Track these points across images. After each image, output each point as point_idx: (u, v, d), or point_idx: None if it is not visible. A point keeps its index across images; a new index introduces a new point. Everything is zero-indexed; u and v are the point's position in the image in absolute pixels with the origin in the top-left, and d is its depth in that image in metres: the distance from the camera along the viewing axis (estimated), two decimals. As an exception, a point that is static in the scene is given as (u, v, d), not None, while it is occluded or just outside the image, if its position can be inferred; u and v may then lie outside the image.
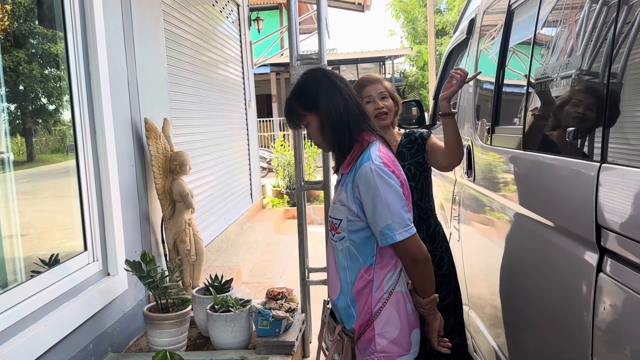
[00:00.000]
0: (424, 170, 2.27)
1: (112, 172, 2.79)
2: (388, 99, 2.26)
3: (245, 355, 2.64)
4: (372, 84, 2.27)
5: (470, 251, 2.52)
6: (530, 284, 1.71)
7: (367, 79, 2.32)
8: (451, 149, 2.17)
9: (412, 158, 2.26)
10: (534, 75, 1.78)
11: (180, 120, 4.17)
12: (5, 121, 2.29)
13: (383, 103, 2.24)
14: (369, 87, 2.26)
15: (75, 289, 2.45)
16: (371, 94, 2.25)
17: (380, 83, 2.29)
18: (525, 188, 1.73)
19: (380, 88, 2.27)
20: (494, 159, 2.12)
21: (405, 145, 2.29)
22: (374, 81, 2.29)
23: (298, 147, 3.30)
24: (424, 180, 2.28)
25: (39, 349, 2.09)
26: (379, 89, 2.26)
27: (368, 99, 2.25)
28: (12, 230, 2.30)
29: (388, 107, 2.24)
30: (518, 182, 1.80)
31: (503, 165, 1.99)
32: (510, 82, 2.15)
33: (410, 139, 2.30)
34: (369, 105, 2.26)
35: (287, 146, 8.94)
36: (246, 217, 6.58)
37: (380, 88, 2.27)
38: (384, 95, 2.26)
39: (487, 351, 2.28)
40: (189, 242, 3.31)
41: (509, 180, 1.90)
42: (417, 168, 2.26)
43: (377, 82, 2.29)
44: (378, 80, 2.31)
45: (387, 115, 2.24)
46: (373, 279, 1.61)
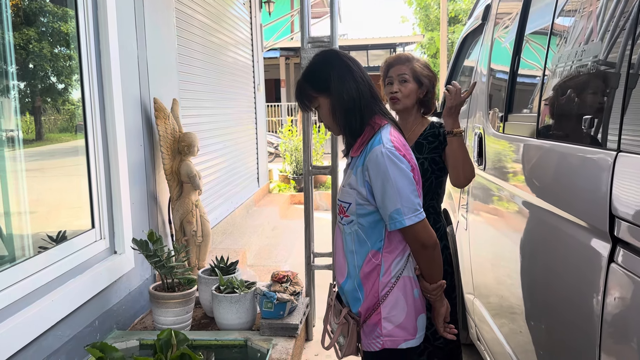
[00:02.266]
0: (437, 169, 2.16)
1: (121, 151, 2.79)
2: (407, 84, 2.15)
3: (249, 336, 2.65)
4: (397, 65, 2.17)
5: (477, 240, 2.51)
6: (538, 274, 1.70)
7: (394, 59, 2.21)
8: (455, 171, 2.09)
9: (429, 153, 2.15)
10: (550, 63, 1.75)
11: (188, 101, 4.16)
12: (15, 99, 2.29)
13: (398, 87, 2.14)
14: (393, 68, 2.17)
15: (82, 266, 2.47)
16: (392, 75, 2.16)
17: (406, 64, 2.16)
18: (537, 177, 1.71)
19: (403, 70, 2.15)
20: (505, 147, 2.10)
21: (427, 137, 2.18)
22: (400, 62, 2.18)
23: (306, 131, 3.28)
24: (434, 179, 2.17)
25: (45, 323, 2.11)
26: (401, 70, 2.15)
27: (389, 80, 2.17)
28: (21, 207, 2.31)
29: (404, 92, 2.14)
30: (530, 171, 1.77)
31: (515, 154, 1.97)
32: (526, 70, 2.11)
33: (435, 132, 2.18)
34: (388, 87, 2.18)
35: (294, 131, 8.92)
36: (252, 201, 6.58)
37: (403, 70, 2.15)
38: (403, 78, 2.15)
39: (491, 340, 2.28)
40: (196, 223, 3.32)
41: (521, 169, 1.88)
42: (431, 165, 2.15)
43: (402, 64, 2.17)
44: (404, 61, 2.18)
45: (399, 100, 2.16)
46: (381, 263, 1.60)
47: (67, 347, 2.30)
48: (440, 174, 2.17)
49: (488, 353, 2.37)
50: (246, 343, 2.63)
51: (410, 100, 2.17)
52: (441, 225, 2.22)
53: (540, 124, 1.74)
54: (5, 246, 2.16)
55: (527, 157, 1.82)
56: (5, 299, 1.95)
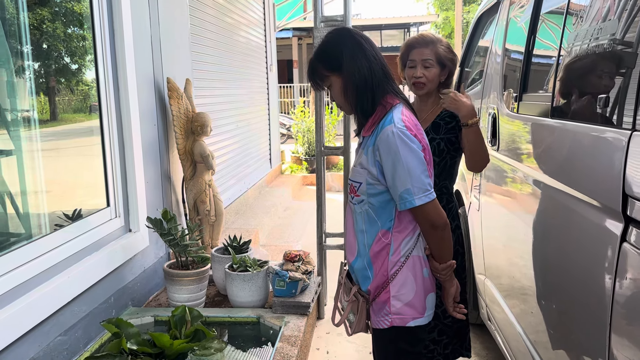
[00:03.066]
0: (453, 149, 2.12)
1: (135, 130, 2.81)
2: (432, 68, 2.09)
3: (262, 313, 2.69)
4: (419, 47, 2.10)
5: (489, 221, 2.50)
6: (550, 254, 1.70)
7: (416, 41, 2.13)
8: (471, 157, 2.08)
9: (445, 133, 2.12)
10: (565, 42, 1.73)
11: (201, 81, 4.17)
12: (30, 80, 2.31)
13: (423, 72, 2.08)
14: (415, 51, 2.10)
15: (98, 244, 2.51)
16: (415, 58, 2.10)
17: (430, 47, 2.09)
18: (550, 157, 1.70)
19: (427, 54, 2.08)
20: (519, 128, 2.08)
21: (444, 118, 2.14)
22: (423, 44, 2.10)
23: (319, 112, 3.27)
24: (449, 159, 2.14)
25: (62, 298, 2.17)
26: (425, 54, 2.08)
27: (411, 64, 2.11)
28: (37, 186, 2.35)
29: (428, 77, 2.09)
30: (544, 151, 1.76)
31: (529, 134, 1.95)
32: (541, 49, 2.08)
33: (452, 113, 2.13)
34: (410, 70, 2.12)
35: (307, 112, 8.89)
36: (265, 181, 6.61)
37: (427, 54, 2.08)
38: (428, 63, 2.09)
39: (502, 321, 2.29)
40: (209, 202, 3.35)
41: (534, 149, 1.87)
42: (446, 145, 2.11)
43: (426, 46, 2.10)
44: (428, 43, 2.11)
45: (424, 85, 2.10)
46: (390, 243, 1.61)
47: (84, 323, 2.35)
48: (455, 155, 2.15)
49: (499, 333, 2.39)
50: (259, 320, 2.67)
51: (434, 84, 2.13)
52: (453, 205, 2.21)
53: (554, 103, 1.72)
54: (22, 224, 2.20)
55: (541, 137, 1.80)
56: (23, 275, 2.00)
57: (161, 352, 2.13)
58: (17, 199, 2.19)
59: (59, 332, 2.18)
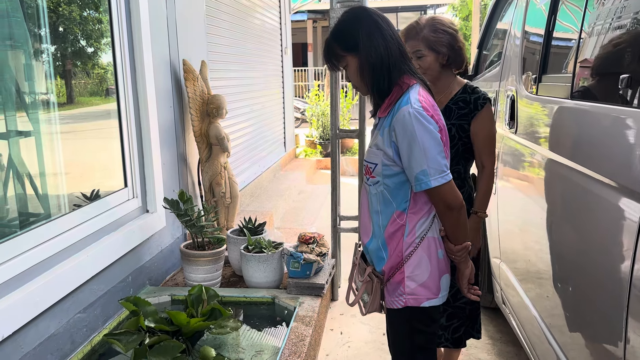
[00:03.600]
0: (465, 136, 2.09)
1: (152, 112, 2.83)
2: (425, 58, 2.05)
3: (277, 294, 2.72)
4: (408, 41, 2.07)
5: (506, 204, 2.49)
6: (568, 237, 1.68)
7: (404, 34, 2.11)
8: None
9: (457, 119, 2.08)
10: (587, 23, 1.69)
11: (216, 64, 4.16)
12: (47, 63, 2.32)
13: (417, 63, 2.05)
14: (407, 44, 2.06)
15: (116, 223, 2.54)
16: (408, 50, 2.00)
17: (416, 39, 2.06)
18: (570, 138, 1.67)
19: (415, 45, 2.06)
20: (539, 110, 2.05)
21: (457, 102, 2.10)
22: (410, 37, 2.08)
23: (334, 94, 3.26)
24: (461, 145, 2.11)
25: (81, 277, 2.21)
26: (414, 46, 2.06)
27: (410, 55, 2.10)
28: (56, 168, 2.38)
29: (424, 67, 2.05)
30: (563, 133, 1.74)
31: (548, 116, 1.92)
32: (561, 30, 2.04)
33: (466, 98, 2.10)
34: None
35: (321, 96, 8.85)
36: (279, 165, 6.63)
37: (415, 45, 2.06)
38: (419, 54, 2.05)
39: (517, 304, 2.29)
40: (224, 184, 3.37)
41: (554, 131, 1.85)
42: (458, 132, 2.08)
43: (413, 38, 2.07)
44: (414, 35, 2.07)
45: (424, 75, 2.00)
46: (405, 224, 1.61)
47: (102, 301, 2.40)
48: (467, 141, 2.11)
49: (513, 316, 2.39)
50: (274, 300, 2.70)
51: (433, 70, 2.08)
52: (465, 191, 2.19)
53: (575, 84, 1.69)
54: (41, 204, 2.24)
55: (561, 119, 1.78)
56: (43, 254, 2.03)
57: (178, 330, 2.16)
58: (35, 180, 2.22)
59: (78, 310, 2.22)
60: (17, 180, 2.13)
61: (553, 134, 1.85)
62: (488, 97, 2.11)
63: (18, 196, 2.13)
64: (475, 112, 2.08)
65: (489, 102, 2.10)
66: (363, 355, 2.72)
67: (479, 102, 2.09)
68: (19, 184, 2.14)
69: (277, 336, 2.44)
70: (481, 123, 2.08)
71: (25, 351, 1.90)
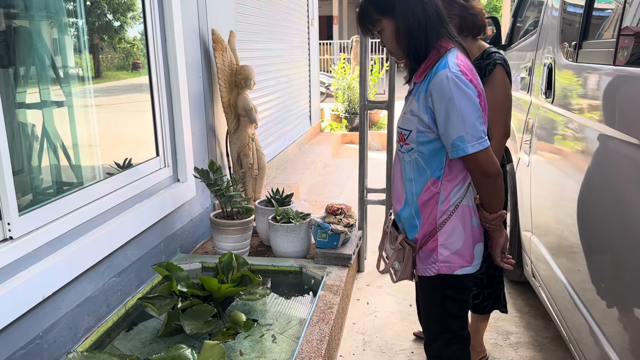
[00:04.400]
0: None
1: (182, 82, 2.84)
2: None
3: (304, 263, 2.74)
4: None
5: (539, 177, 2.44)
6: (607, 209, 1.64)
7: None
8: None
9: None
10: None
11: (244, 34, 4.14)
12: (79, 36, 2.33)
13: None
14: None
15: (148, 192, 2.59)
16: None
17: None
18: (612, 105, 1.62)
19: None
20: (578, 77, 1.99)
21: None
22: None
23: (364, 64, 3.22)
24: None
25: (116, 242, 2.26)
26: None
27: None
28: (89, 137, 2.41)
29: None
30: (605, 100, 1.68)
31: (589, 83, 1.86)
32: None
33: (480, 65, 2.03)
34: None
35: (347, 69, 8.76)
36: (305, 138, 6.62)
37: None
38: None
39: (548, 277, 2.26)
40: (252, 156, 3.39)
41: (594, 99, 1.79)
42: (483, 101, 2.03)
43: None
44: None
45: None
46: (440, 192, 1.59)
47: (136, 266, 2.46)
48: None
49: (543, 290, 2.36)
50: (301, 270, 2.72)
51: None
52: None
53: (618, 49, 1.63)
54: (74, 173, 2.28)
55: (603, 86, 1.72)
56: (78, 219, 2.08)
57: (209, 295, 2.21)
58: (69, 149, 2.26)
59: (113, 274, 2.28)
60: (51, 150, 2.17)
61: (593, 102, 1.79)
62: (500, 61, 2.02)
63: (52, 164, 2.17)
64: (486, 76, 2.01)
65: (499, 66, 2.01)
66: (389, 324, 2.74)
67: (488, 68, 2.02)
68: (53, 154, 2.18)
69: (304, 304, 2.47)
70: (489, 89, 1.99)
71: (64, 312, 1.97)
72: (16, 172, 1.86)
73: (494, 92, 2.00)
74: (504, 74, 2.01)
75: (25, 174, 1.97)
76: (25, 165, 1.98)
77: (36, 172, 2.06)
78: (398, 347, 2.55)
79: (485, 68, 2.03)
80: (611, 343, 1.56)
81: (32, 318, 1.80)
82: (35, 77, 2.07)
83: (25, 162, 1.98)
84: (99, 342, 2.11)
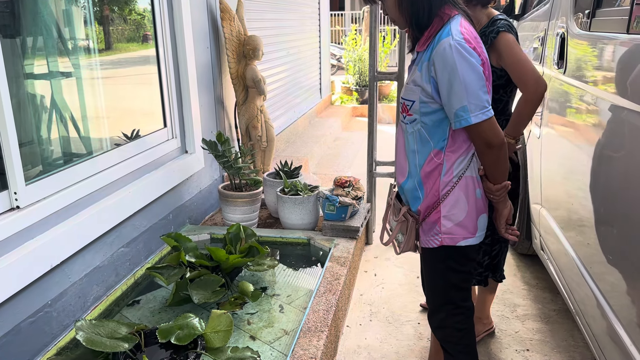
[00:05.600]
0: None
1: (189, 53, 2.82)
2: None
3: (312, 235, 2.75)
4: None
5: (550, 149, 2.40)
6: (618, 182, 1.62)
7: None
8: None
9: None
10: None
11: (252, 4, 4.08)
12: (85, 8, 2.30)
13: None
14: None
15: (156, 162, 2.59)
16: None
17: None
18: (626, 76, 1.57)
19: None
20: (592, 46, 1.93)
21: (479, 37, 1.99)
22: None
23: (373, 34, 3.16)
24: None
25: (124, 212, 2.27)
26: None
27: None
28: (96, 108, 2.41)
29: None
30: (619, 69, 1.64)
31: (602, 53, 1.81)
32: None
33: (486, 32, 1.97)
34: None
35: (359, 40, 8.63)
36: (315, 111, 6.58)
37: None
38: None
39: (557, 251, 2.25)
40: (261, 128, 3.37)
41: (608, 69, 1.74)
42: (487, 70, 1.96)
43: None
44: None
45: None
46: (443, 163, 1.56)
47: (145, 237, 2.48)
48: None
49: (552, 263, 2.35)
50: (309, 242, 2.74)
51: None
52: None
53: (633, 17, 1.57)
54: (83, 143, 2.29)
55: (616, 56, 1.67)
56: (87, 189, 2.10)
57: (217, 266, 2.23)
58: (77, 120, 2.27)
59: (121, 244, 2.31)
60: (60, 120, 2.18)
61: (607, 72, 1.74)
62: (503, 28, 1.95)
63: (61, 135, 2.18)
64: (490, 43, 1.95)
65: (502, 33, 1.94)
66: (397, 296, 2.76)
67: (491, 35, 1.96)
68: (61, 124, 2.18)
69: (312, 275, 2.49)
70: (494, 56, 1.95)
71: (72, 280, 2.00)
72: (24, 143, 1.86)
73: (500, 58, 1.96)
74: (508, 39, 1.94)
75: (34, 144, 1.98)
76: (34, 136, 1.99)
77: (45, 143, 2.07)
78: (405, 318, 2.57)
79: (489, 35, 1.97)
80: (618, 316, 1.55)
81: (40, 287, 1.83)
82: (43, 48, 2.06)
83: (34, 133, 1.99)
84: (107, 310, 2.15)
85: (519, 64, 1.93)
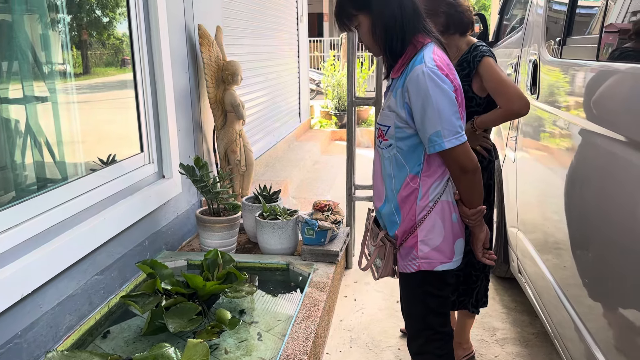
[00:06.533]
0: (467, 98, 1.99)
1: (167, 77, 2.81)
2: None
3: (291, 260, 2.73)
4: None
5: (525, 173, 2.44)
6: (592, 204, 1.64)
7: None
8: None
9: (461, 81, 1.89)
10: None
11: (231, 30, 4.11)
12: (63, 32, 2.29)
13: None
14: None
15: (132, 188, 2.56)
16: None
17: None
18: (597, 101, 1.62)
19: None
20: (563, 73, 1.99)
21: (461, 63, 2.06)
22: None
23: (351, 60, 3.20)
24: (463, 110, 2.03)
25: (98, 239, 2.23)
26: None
27: None
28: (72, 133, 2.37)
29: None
30: (589, 95, 1.68)
31: (573, 79, 1.86)
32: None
33: (468, 58, 2.04)
34: None
35: (337, 66, 8.74)
36: (294, 135, 6.60)
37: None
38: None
39: (534, 274, 2.27)
40: (240, 152, 3.36)
41: (579, 95, 1.79)
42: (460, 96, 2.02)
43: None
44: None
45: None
46: (419, 187, 1.58)
47: (119, 264, 2.43)
48: (469, 104, 2.05)
49: (530, 286, 2.37)
50: (288, 267, 2.71)
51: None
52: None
53: (602, 45, 1.63)
54: (58, 168, 2.25)
55: (586, 81, 1.72)
56: (60, 215, 2.05)
57: (194, 293, 2.18)
58: (52, 145, 2.23)
59: (95, 272, 2.25)
60: (35, 145, 2.14)
61: (578, 98, 1.79)
62: (487, 53, 2.03)
63: (36, 160, 2.14)
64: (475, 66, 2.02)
65: (485, 57, 2.01)
66: (376, 321, 2.74)
67: (475, 60, 2.02)
68: (36, 149, 2.14)
69: (291, 301, 2.46)
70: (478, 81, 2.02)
71: (44, 310, 1.94)
72: (-3, 168, 1.82)
73: (484, 80, 2.01)
74: (491, 62, 2.02)
75: (7, 170, 1.93)
76: (7, 161, 1.94)
77: (19, 168, 2.02)
78: (385, 343, 2.55)
79: (473, 60, 2.04)
80: (595, 339, 1.56)
81: (10, 317, 1.77)
82: (18, 72, 2.03)
83: (7, 159, 1.94)
84: (80, 341, 2.08)
85: (503, 83, 2.00)
